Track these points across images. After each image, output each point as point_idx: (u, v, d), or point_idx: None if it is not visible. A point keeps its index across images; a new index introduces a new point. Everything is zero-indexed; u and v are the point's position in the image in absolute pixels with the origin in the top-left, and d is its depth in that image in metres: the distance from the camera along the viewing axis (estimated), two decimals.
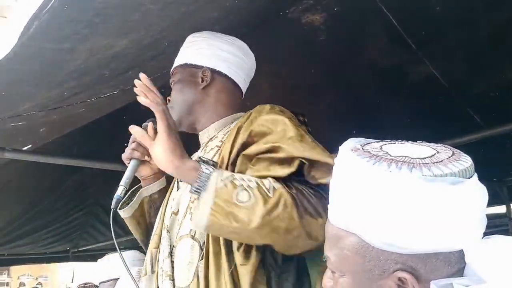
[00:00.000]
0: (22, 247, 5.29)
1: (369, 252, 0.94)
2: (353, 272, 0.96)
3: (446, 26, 2.32)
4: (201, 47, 1.75)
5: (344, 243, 0.96)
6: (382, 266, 0.94)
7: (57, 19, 1.39)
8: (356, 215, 0.95)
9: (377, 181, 0.92)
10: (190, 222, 1.51)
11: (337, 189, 1.00)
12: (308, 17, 2.36)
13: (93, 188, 4.63)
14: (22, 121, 2.27)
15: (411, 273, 0.92)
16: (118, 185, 1.55)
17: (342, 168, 0.99)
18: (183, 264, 1.51)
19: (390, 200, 0.91)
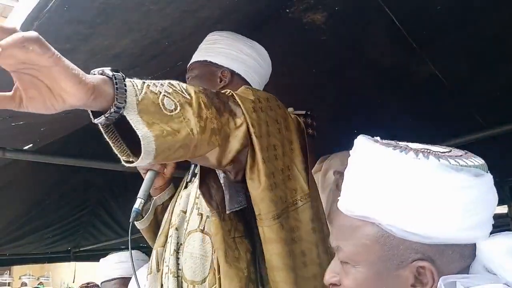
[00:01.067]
0: (24, 247, 5.28)
1: (389, 241, 0.93)
2: (370, 262, 0.95)
3: (448, 25, 2.32)
4: (222, 47, 1.79)
5: (363, 233, 0.95)
6: (401, 256, 0.93)
7: (58, 20, 1.39)
8: (378, 204, 0.94)
9: (405, 169, 0.92)
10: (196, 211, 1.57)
11: (355, 179, 0.99)
12: (309, 17, 2.35)
13: (95, 188, 4.63)
14: (24, 120, 2.26)
15: (431, 263, 0.92)
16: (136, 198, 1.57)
17: (362, 157, 0.99)
18: (196, 258, 1.52)
19: (418, 187, 0.91)
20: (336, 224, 1.02)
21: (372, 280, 0.95)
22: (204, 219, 1.56)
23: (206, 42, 1.80)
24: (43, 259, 6.06)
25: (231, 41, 1.80)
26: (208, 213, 1.55)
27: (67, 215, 4.91)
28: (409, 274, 0.93)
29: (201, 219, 1.56)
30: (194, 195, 1.59)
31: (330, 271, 1.02)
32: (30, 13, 1.37)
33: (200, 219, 1.56)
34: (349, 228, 0.97)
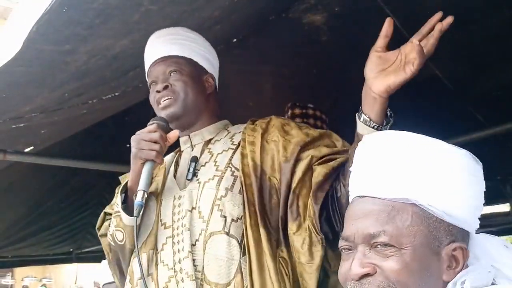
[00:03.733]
0: (26, 249, 5.29)
1: (432, 222, 0.96)
2: (416, 243, 0.95)
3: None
4: (202, 49, 1.77)
5: (406, 215, 0.97)
6: (440, 238, 0.96)
7: (57, 21, 1.39)
8: (418, 185, 0.97)
9: (447, 154, 1.00)
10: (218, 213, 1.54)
11: (389, 165, 1.01)
12: (309, 17, 2.35)
13: (96, 189, 4.63)
14: (24, 123, 2.27)
15: (463, 247, 0.97)
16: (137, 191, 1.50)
17: (401, 143, 1.03)
18: (221, 261, 1.51)
19: (455, 171, 0.98)
20: (361, 212, 1.01)
21: (418, 261, 0.95)
22: (228, 222, 1.54)
23: (181, 37, 1.75)
24: (45, 260, 6.07)
25: (206, 44, 1.79)
26: (233, 217, 1.55)
27: (68, 217, 4.91)
28: (445, 257, 0.96)
29: (225, 221, 1.54)
30: (213, 195, 1.58)
31: (359, 264, 0.98)
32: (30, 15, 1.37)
33: (224, 222, 1.54)
34: (390, 211, 0.98)
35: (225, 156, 1.66)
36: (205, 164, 1.67)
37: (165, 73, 1.69)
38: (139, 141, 1.57)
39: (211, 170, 1.64)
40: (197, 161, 1.69)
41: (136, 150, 1.57)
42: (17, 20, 1.52)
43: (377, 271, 0.96)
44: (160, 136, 1.55)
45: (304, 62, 2.75)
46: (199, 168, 1.67)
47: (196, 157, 1.70)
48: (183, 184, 1.67)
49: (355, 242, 1.00)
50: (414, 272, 0.94)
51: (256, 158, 1.60)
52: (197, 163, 1.68)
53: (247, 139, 1.65)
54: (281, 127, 1.66)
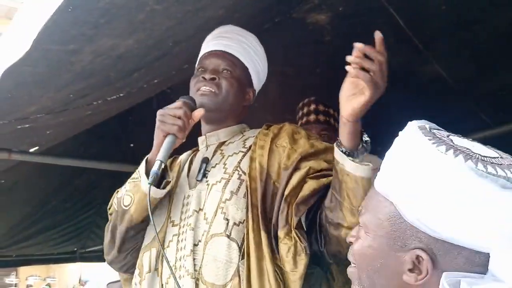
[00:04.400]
0: (30, 248, 5.30)
1: (399, 223, 0.98)
2: (377, 234, 1.02)
3: (453, 25, 2.31)
4: (259, 63, 1.83)
5: (380, 208, 1.02)
6: (406, 240, 0.98)
7: (62, 21, 1.40)
8: (398, 186, 0.99)
9: (430, 160, 0.95)
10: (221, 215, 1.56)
11: (390, 158, 1.04)
12: (313, 17, 2.35)
13: (101, 188, 4.64)
14: (29, 124, 2.28)
15: (430, 257, 0.95)
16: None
17: (402, 141, 1.04)
18: (219, 263, 1.53)
19: (436, 181, 0.94)
20: (369, 193, 1.10)
21: (374, 250, 1.02)
22: (230, 225, 1.56)
23: (247, 44, 1.78)
24: (49, 260, 6.07)
25: (263, 58, 1.84)
26: (235, 220, 1.57)
27: (73, 216, 4.92)
28: (408, 259, 0.97)
29: (227, 224, 1.56)
30: (218, 197, 1.60)
31: (353, 231, 1.11)
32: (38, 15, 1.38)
33: (226, 224, 1.56)
34: (374, 200, 1.05)
35: (234, 159, 1.68)
36: (215, 165, 1.69)
37: (219, 66, 1.73)
38: (164, 114, 1.60)
39: (220, 173, 1.66)
40: (208, 162, 1.70)
41: (159, 122, 1.59)
42: (24, 20, 1.53)
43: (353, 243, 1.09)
44: (184, 113, 1.58)
45: (308, 62, 2.75)
46: (210, 170, 1.68)
47: (207, 158, 1.72)
48: (193, 184, 1.68)
49: None
50: (366, 257, 1.04)
51: (263, 162, 1.62)
52: (208, 164, 1.70)
53: (258, 143, 1.67)
54: (291, 134, 1.67)
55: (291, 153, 1.61)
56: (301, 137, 1.67)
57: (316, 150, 1.63)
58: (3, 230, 4.72)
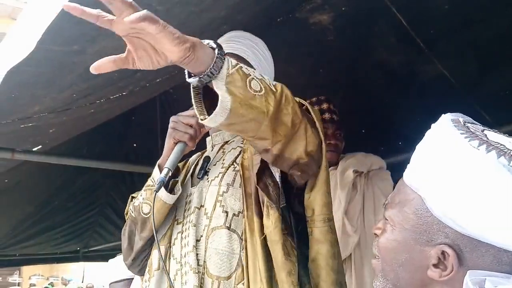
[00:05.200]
0: (33, 247, 5.32)
1: (426, 217, 0.98)
2: (403, 228, 1.01)
3: (455, 25, 2.31)
4: (266, 65, 1.82)
5: (408, 201, 1.02)
6: (432, 235, 0.97)
7: (66, 21, 1.40)
8: (428, 180, 0.98)
9: (462, 155, 0.94)
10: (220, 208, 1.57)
11: (421, 151, 1.04)
12: (316, 17, 2.35)
13: (104, 188, 4.65)
14: (32, 123, 2.28)
15: (456, 253, 0.94)
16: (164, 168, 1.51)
17: (434, 133, 1.03)
18: (222, 255, 1.54)
19: (467, 177, 0.93)
20: (398, 187, 1.08)
21: (399, 244, 1.02)
22: (230, 216, 1.57)
23: (256, 48, 1.80)
24: (52, 259, 6.09)
25: (271, 62, 1.85)
26: (234, 211, 1.58)
27: (76, 216, 4.94)
28: (433, 254, 0.96)
29: (227, 216, 1.57)
30: (216, 192, 1.61)
31: (379, 223, 1.10)
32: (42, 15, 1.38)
33: (226, 217, 1.57)
34: (402, 193, 1.04)
35: (232, 155, 1.70)
36: (216, 163, 1.71)
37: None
38: (177, 121, 1.61)
39: (218, 169, 1.68)
40: (209, 160, 1.73)
41: (171, 130, 1.61)
42: (28, 20, 1.53)
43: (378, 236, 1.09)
44: (196, 122, 1.58)
45: (311, 62, 2.75)
46: (211, 168, 1.70)
47: (208, 156, 1.74)
48: (196, 182, 1.71)
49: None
50: (391, 251, 1.04)
51: (254, 150, 1.63)
52: (210, 162, 1.72)
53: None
54: None
55: None
56: None
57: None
58: (7, 229, 4.73)
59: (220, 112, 1.23)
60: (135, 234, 1.74)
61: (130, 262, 1.79)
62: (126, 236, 1.79)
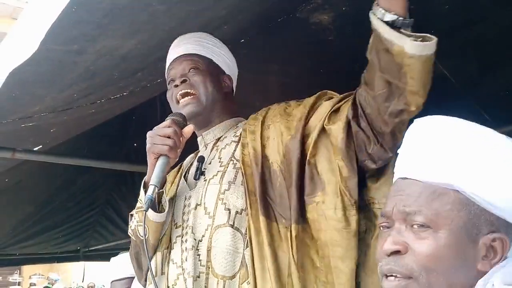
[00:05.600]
0: (33, 247, 5.32)
1: (473, 209, 0.95)
2: (454, 227, 0.95)
3: (455, 24, 2.31)
4: (222, 53, 1.83)
5: (448, 199, 0.96)
6: (480, 226, 0.95)
7: (66, 21, 1.40)
8: (463, 172, 0.96)
9: (494, 142, 0.99)
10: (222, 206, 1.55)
11: (436, 149, 1.00)
12: (316, 17, 2.35)
13: (104, 188, 4.65)
14: (33, 122, 2.28)
15: (503, 239, 0.94)
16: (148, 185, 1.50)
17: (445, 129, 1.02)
18: (227, 254, 1.52)
19: (505, 161, 0.96)
20: (402, 191, 1.01)
21: (452, 246, 0.94)
22: (233, 214, 1.55)
23: (202, 40, 1.80)
24: (52, 258, 6.09)
25: (226, 49, 1.86)
26: (236, 209, 1.55)
27: (76, 215, 4.94)
28: (482, 246, 0.94)
29: (229, 214, 1.55)
30: (217, 190, 1.59)
31: (392, 241, 0.98)
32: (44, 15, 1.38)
33: (229, 214, 1.55)
34: (430, 194, 0.98)
35: (228, 151, 1.69)
36: (210, 162, 1.69)
37: (184, 69, 1.74)
38: (153, 136, 1.58)
39: (215, 167, 1.66)
40: (203, 160, 1.70)
41: (150, 145, 1.58)
42: (29, 20, 1.53)
43: (408, 251, 0.96)
44: (173, 131, 1.56)
45: (311, 62, 2.75)
46: (206, 167, 1.68)
47: (202, 156, 1.73)
48: (193, 184, 1.68)
49: (393, 218, 1.00)
50: (445, 258, 0.94)
51: (256, 147, 1.61)
52: (204, 162, 1.70)
53: (248, 128, 1.67)
54: (283, 111, 1.67)
55: (289, 125, 1.59)
56: (292, 108, 1.66)
57: (310, 107, 1.61)
58: (7, 229, 4.73)
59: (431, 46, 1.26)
60: (142, 255, 1.73)
61: (144, 282, 1.78)
62: (134, 259, 1.79)
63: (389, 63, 1.30)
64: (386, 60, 1.31)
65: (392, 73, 1.31)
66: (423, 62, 1.28)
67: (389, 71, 1.32)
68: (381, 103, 1.37)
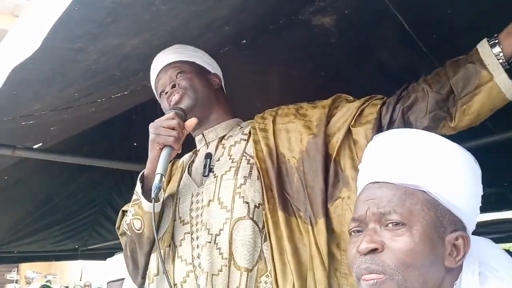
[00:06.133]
0: (32, 245, 5.32)
1: (440, 209, 1.04)
2: (425, 224, 1.02)
3: (458, 29, 2.31)
4: (203, 56, 1.88)
5: (417, 198, 1.04)
6: (445, 225, 1.03)
7: (69, 19, 1.40)
8: (430, 175, 1.05)
9: (457, 153, 1.09)
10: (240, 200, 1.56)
11: (404, 155, 1.09)
12: (319, 19, 2.35)
13: (103, 187, 4.65)
14: (33, 120, 2.28)
15: (464, 237, 1.03)
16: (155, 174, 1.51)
17: (415, 139, 1.12)
18: (249, 246, 1.53)
19: (466, 170, 1.08)
20: (374, 194, 1.08)
21: (426, 242, 1.00)
22: (252, 208, 1.56)
23: (180, 50, 1.85)
24: (50, 257, 6.09)
25: (202, 52, 1.90)
26: (255, 203, 1.56)
27: (75, 214, 4.94)
28: (447, 244, 1.02)
29: (249, 207, 1.56)
30: (233, 185, 1.59)
31: (369, 240, 1.03)
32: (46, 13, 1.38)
33: (248, 208, 1.55)
34: (402, 194, 1.05)
35: (238, 148, 1.70)
36: (219, 159, 1.70)
37: (171, 77, 1.78)
38: (157, 127, 1.59)
39: (226, 163, 1.67)
40: (211, 157, 1.71)
41: (154, 135, 1.58)
42: (31, 18, 1.53)
43: (385, 250, 1.01)
44: (177, 123, 1.58)
45: (312, 64, 2.75)
46: (214, 164, 1.69)
47: (210, 153, 1.73)
48: (200, 181, 1.69)
49: (366, 221, 1.06)
50: (421, 253, 0.99)
51: (270, 144, 1.63)
52: (212, 159, 1.71)
53: (258, 126, 1.69)
54: (296, 112, 1.69)
55: (308, 124, 1.62)
56: (306, 109, 1.69)
57: (329, 107, 1.64)
58: (6, 226, 4.73)
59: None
60: (137, 252, 1.73)
61: (140, 281, 1.77)
62: (129, 257, 1.77)
63: (469, 81, 1.38)
64: (469, 78, 1.39)
65: (464, 89, 1.40)
66: (499, 100, 1.39)
67: (461, 84, 1.40)
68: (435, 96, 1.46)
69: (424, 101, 1.46)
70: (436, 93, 1.44)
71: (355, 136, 1.54)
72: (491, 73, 1.33)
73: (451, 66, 1.45)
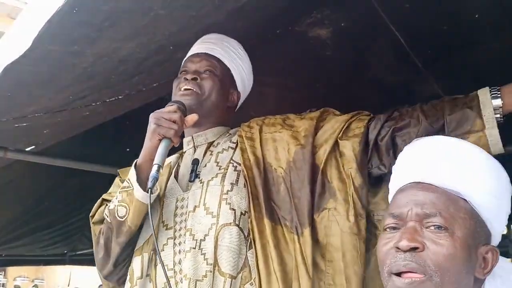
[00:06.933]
0: (20, 248, 5.27)
1: (479, 220, 1.04)
2: (466, 233, 1.02)
3: (454, 45, 2.33)
4: (243, 67, 1.85)
5: (460, 206, 1.04)
6: (481, 236, 1.04)
7: (67, 22, 1.40)
8: (474, 184, 1.05)
9: (498, 168, 1.10)
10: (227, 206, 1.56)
11: (453, 160, 1.09)
12: (315, 31, 2.36)
13: (94, 191, 4.59)
14: (26, 122, 2.27)
15: (494, 251, 1.05)
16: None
17: (461, 147, 1.14)
18: (234, 252, 1.53)
19: (507, 187, 1.08)
20: (418, 193, 1.07)
21: (465, 250, 1.01)
22: (238, 214, 1.56)
23: (229, 47, 1.83)
24: (39, 261, 6.05)
25: (246, 60, 1.88)
26: (241, 210, 1.57)
27: (64, 218, 4.90)
28: (479, 255, 1.02)
29: (235, 214, 1.56)
30: (219, 191, 1.59)
31: (411, 238, 1.02)
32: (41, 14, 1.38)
33: (234, 214, 1.56)
34: (447, 199, 1.05)
35: (226, 155, 1.70)
36: (206, 165, 1.69)
37: (201, 68, 1.76)
38: (159, 118, 1.58)
39: (213, 170, 1.66)
40: (198, 163, 1.70)
41: (155, 126, 1.57)
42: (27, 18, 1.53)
43: (425, 250, 1.01)
44: (180, 117, 1.58)
45: (308, 76, 2.76)
46: (201, 170, 1.68)
47: (197, 159, 1.73)
48: (186, 186, 1.68)
49: (407, 219, 1.05)
50: (460, 260, 1.00)
51: (257, 153, 1.64)
52: (199, 165, 1.70)
53: (244, 135, 1.70)
54: (283, 122, 1.70)
55: (295, 135, 1.63)
56: (293, 120, 1.70)
57: (317, 119, 1.66)
58: None
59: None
60: (112, 241, 1.68)
61: (110, 269, 1.72)
62: (102, 244, 1.71)
63: (462, 125, 1.46)
64: (464, 122, 1.46)
65: (457, 128, 1.47)
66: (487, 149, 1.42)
67: (454, 124, 1.47)
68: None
69: (416, 128, 1.51)
70: (429, 125, 1.50)
71: (342, 148, 1.57)
72: (485, 124, 1.40)
73: (449, 103, 1.51)
